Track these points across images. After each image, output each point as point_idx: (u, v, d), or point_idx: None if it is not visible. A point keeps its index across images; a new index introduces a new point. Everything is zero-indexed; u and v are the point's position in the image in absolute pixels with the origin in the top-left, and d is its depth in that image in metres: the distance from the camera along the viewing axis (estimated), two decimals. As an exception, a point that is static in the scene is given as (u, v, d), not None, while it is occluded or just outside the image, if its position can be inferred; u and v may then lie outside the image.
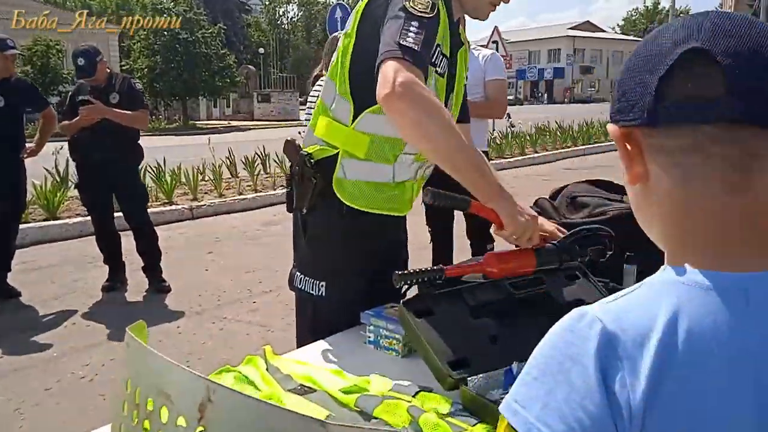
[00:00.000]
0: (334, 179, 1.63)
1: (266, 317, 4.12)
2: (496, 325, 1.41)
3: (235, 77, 26.31)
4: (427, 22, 1.43)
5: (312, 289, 1.69)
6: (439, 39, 1.51)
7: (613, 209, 1.98)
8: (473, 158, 1.42)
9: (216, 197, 8.28)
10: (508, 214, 1.42)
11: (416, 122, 1.35)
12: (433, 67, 1.53)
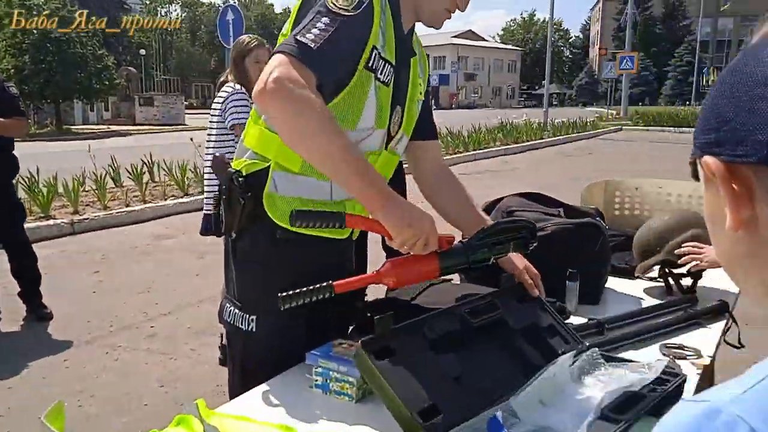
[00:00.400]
0: (265, 195, 1.47)
1: (167, 343, 3.78)
2: (459, 361, 1.29)
3: (114, 79, 24.81)
4: (345, 20, 1.31)
5: (242, 323, 1.52)
6: (374, 41, 1.39)
7: (552, 225, 1.93)
8: (354, 162, 1.28)
9: (100, 209, 7.65)
10: (393, 225, 1.29)
11: (287, 122, 1.26)
12: (371, 72, 1.40)
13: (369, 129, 1.45)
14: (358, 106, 1.41)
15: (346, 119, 1.41)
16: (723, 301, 1.84)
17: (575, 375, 1.34)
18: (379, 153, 1.52)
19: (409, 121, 1.60)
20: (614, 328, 1.69)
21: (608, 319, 1.71)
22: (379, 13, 1.39)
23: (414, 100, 1.59)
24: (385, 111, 1.47)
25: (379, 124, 1.47)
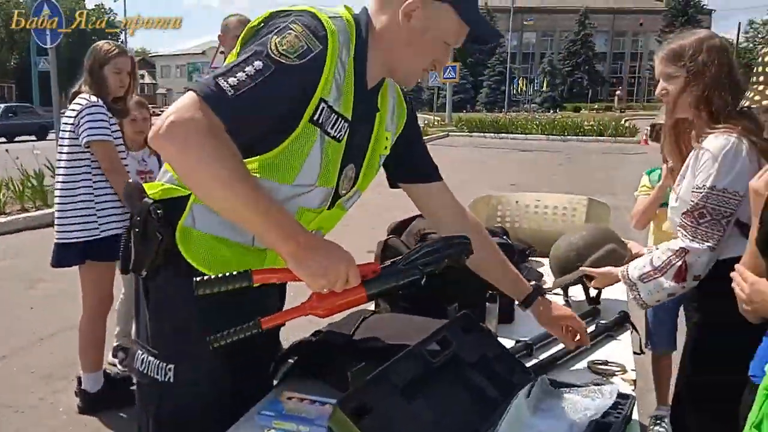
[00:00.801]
0: (179, 229, 1.32)
1: (7, 392, 3.26)
2: (430, 406, 1.23)
3: None
4: (284, 68, 1.18)
5: (158, 373, 1.36)
6: (322, 94, 1.26)
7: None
8: (258, 206, 1.14)
9: None
10: (306, 275, 1.17)
11: (185, 172, 1.15)
12: (317, 126, 1.28)
13: (309, 186, 1.33)
14: (298, 160, 1.29)
15: (283, 172, 1.29)
16: (624, 312, 1.96)
17: (532, 407, 1.34)
18: (318, 211, 1.40)
19: (366, 178, 1.49)
20: (540, 347, 1.73)
21: (534, 339, 1.74)
22: (333, 65, 1.26)
23: (376, 155, 1.49)
24: (332, 168, 1.35)
25: (323, 181, 1.35)
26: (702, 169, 1.71)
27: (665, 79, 1.85)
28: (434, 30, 1.30)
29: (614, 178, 11.56)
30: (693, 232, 1.72)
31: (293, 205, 1.33)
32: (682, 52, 1.80)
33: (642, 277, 1.82)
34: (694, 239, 1.71)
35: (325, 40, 1.23)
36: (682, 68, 1.80)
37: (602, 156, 15.36)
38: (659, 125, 2.63)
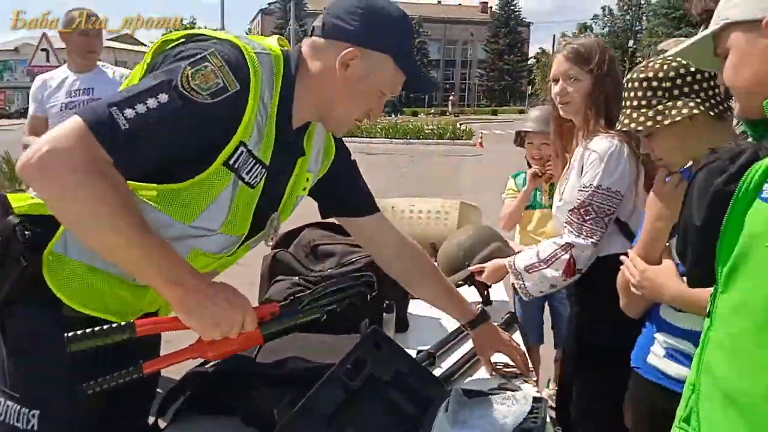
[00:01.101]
0: (47, 254, 1.16)
1: None
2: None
3: None
4: (192, 106, 1.07)
5: (19, 420, 1.21)
6: (242, 137, 1.15)
7: (361, 257, 1.88)
8: (140, 241, 1.03)
9: None
10: (197, 326, 1.07)
11: (59, 208, 1.04)
12: (231, 170, 1.16)
13: (210, 231, 1.21)
14: (203, 202, 1.17)
15: (181, 210, 1.16)
16: (512, 313, 2.03)
17: (451, 422, 1.32)
18: (218, 257, 1.28)
19: (279, 220, 1.39)
20: (441, 355, 1.72)
21: (435, 347, 1.73)
22: (255, 106, 1.14)
23: (293, 198, 1.39)
24: (241, 216, 1.24)
25: (228, 229, 1.23)
26: (589, 168, 1.80)
27: (566, 80, 1.89)
28: (371, 79, 1.25)
29: (457, 178, 12.16)
30: (578, 228, 1.80)
31: (186, 245, 1.20)
32: (589, 56, 1.86)
33: (528, 267, 1.89)
34: (580, 235, 1.80)
35: (246, 80, 1.12)
36: (588, 72, 1.86)
37: (444, 158, 16.12)
38: (524, 132, 2.76)
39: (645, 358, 1.55)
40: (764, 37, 0.98)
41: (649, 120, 1.41)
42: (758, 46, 0.99)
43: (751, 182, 0.96)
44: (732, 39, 1.03)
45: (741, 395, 0.97)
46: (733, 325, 1.00)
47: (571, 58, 1.88)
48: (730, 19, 1.03)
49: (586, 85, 1.86)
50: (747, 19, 1.00)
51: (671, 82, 1.40)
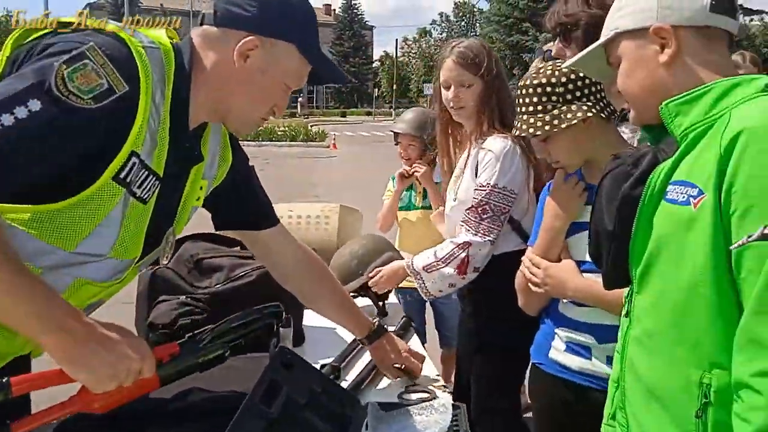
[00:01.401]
0: None
1: None
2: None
3: None
4: (71, 112, 0.90)
5: None
6: (134, 146, 0.99)
7: (252, 269, 1.76)
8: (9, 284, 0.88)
9: None
10: (88, 377, 0.93)
11: None
12: (121, 185, 1.00)
13: (97, 256, 1.04)
14: (88, 224, 1.00)
15: (62, 234, 0.98)
16: (407, 317, 2.00)
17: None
18: (106, 285, 1.11)
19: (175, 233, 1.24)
20: (345, 367, 1.65)
21: (337, 360, 1.66)
22: (146, 110, 0.98)
23: (188, 209, 1.23)
24: (133, 237, 1.08)
25: (119, 252, 1.06)
26: (485, 168, 1.82)
27: (458, 86, 1.89)
28: (274, 71, 1.12)
29: (316, 180, 12.10)
30: (476, 226, 1.81)
31: (67, 275, 1.02)
32: (479, 61, 1.87)
33: (426, 267, 1.88)
34: (477, 233, 1.81)
35: (135, 79, 0.96)
36: (479, 77, 1.87)
37: (299, 160, 15.96)
38: (395, 132, 2.77)
39: (546, 353, 1.59)
40: (651, 44, 1.03)
41: (547, 124, 1.45)
42: (647, 53, 1.04)
43: (655, 186, 1.00)
44: (622, 47, 1.07)
45: (661, 389, 1.01)
46: (649, 324, 1.04)
47: (461, 64, 1.89)
48: (619, 28, 1.07)
49: (477, 89, 1.89)
50: (635, 28, 1.04)
51: (564, 87, 1.45)
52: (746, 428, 0.84)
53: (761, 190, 0.85)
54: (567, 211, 1.50)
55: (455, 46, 1.94)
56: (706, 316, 0.92)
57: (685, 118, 0.98)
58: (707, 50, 1.01)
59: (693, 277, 0.93)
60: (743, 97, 0.94)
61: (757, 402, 0.83)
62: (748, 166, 0.86)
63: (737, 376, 0.87)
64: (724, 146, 0.89)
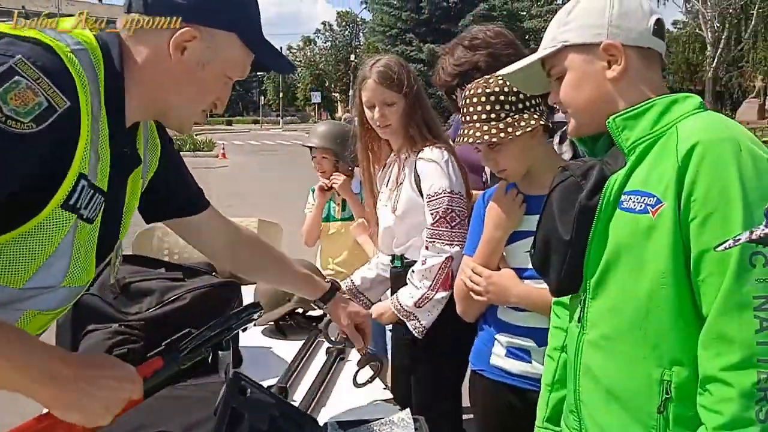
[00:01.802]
0: None
1: None
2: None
3: None
4: (12, 140, 0.81)
5: None
6: (80, 168, 0.90)
7: (184, 291, 1.69)
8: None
9: None
10: (85, 416, 0.88)
11: None
12: (72, 212, 0.91)
13: (49, 288, 0.95)
14: (35, 259, 0.90)
15: (8, 270, 0.89)
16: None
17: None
18: (57, 312, 1.02)
19: (117, 255, 1.15)
20: (291, 386, 1.62)
21: (282, 380, 1.62)
22: (88, 122, 0.89)
23: (130, 214, 1.14)
24: (85, 260, 0.99)
25: (73, 280, 0.97)
26: (434, 177, 1.83)
27: (383, 106, 1.91)
28: (215, 64, 1.04)
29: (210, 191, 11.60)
30: (450, 237, 1.79)
31: (15, 310, 0.93)
32: (400, 79, 1.89)
33: (418, 302, 1.83)
34: (452, 244, 1.80)
35: (73, 90, 0.86)
36: (402, 95, 1.90)
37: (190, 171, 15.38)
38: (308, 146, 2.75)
39: (487, 359, 1.63)
40: (600, 60, 1.09)
41: (501, 132, 1.47)
42: (595, 68, 1.09)
43: (610, 196, 1.06)
44: (569, 60, 1.12)
45: (621, 390, 1.07)
46: (606, 328, 1.09)
47: (382, 83, 1.91)
48: (569, 41, 1.11)
49: (401, 106, 1.91)
50: (585, 43, 1.09)
51: (515, 97, 1.49)
52: (718, 419, 0.91)
53: (719, 199, 0.92)
54: (508, 222, 1.55)
55: (374, 66, 1.95)
56: (667, 317, 0.99)
57: (631, 132, 1.04)
58: (646, 69, 1.09)
59: (654, 281, 0.99)
60: (683, 113, 1.03)
61: (728, 393, 0.90)
62: (706, 177, 0.93)
63: (706, 371, 0.94)
64: (681, 158, 0.96)
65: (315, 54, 52.81)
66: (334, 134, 2.70)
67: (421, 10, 25.30)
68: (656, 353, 1.01)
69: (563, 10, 1.15)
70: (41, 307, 0.96)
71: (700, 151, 0.94)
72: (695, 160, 0.94)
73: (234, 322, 1.19)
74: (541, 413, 1.34)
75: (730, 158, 0.93)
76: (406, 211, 1.90)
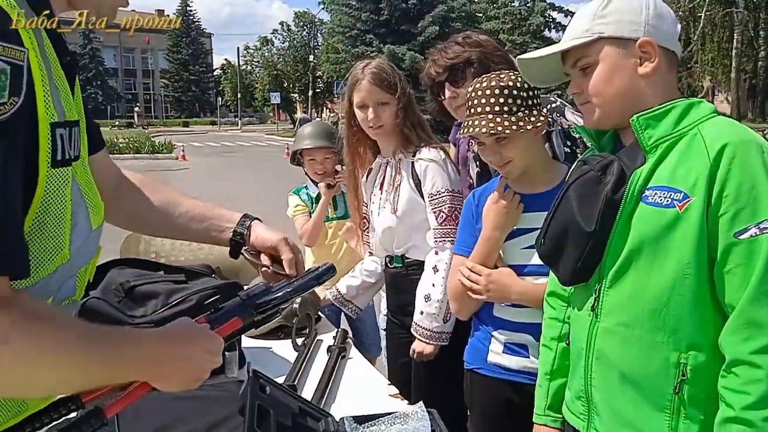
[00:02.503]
0: None
1: None
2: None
3: None
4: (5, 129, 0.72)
5: None
6: (49, 117, 0.79)
7: (191, 293, 1.68)
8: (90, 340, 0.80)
9: None
10: (180, 386, 0.90)
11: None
12: (65, 166, 0.84)
13: (84, 239, 0.91)
14: (63, 228, 0.85)
15: (44, 258, 0.83)
16: (343, 329, 2.02)
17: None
18: (96, 254, 0.99)
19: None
20: (298, 382, 1.64)
21: (289, 377, 1.64)
22: (39, 60, 0.78)
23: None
24: (95, 197, 0.95)
25: (97, 218, 0.94)
26: (434, 176, 1.89)
27: (377, 106, 1.94)
28: None
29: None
30: (454, 236, 1.81)
31: (70, 278, 0.91)
32: (393, 80, 1.94)
33: (444, 317, 1.88)
34: (454, 242, 1.82)
35: (15, 31, 0.74)
36: (394, 96, 1.94)
37: (149, 173, 14.97)
38: (303, 149, 2.74)
39: (484, 357, 1.66)
40: (633, 56, 1.14)
41: (514, 125, 1.49)
42: (629, 62, 1.15)
43: (634, 190, 1.12)
44: (604, 52, 1.16)
45: (637, 374, 1.13)
46: (624, 316, 1.15)
47: (377, 84, 1.94)
48: (605, 33, 1.15)
49: (394, 107, 1.95)
50: (623, 37, 1.14)
51: (526, 93, 1.52)
52: (747, 399, 0.98)
53: (749, 195, 1.00)
54: (509, 222, 1.59)
55: (366, 67, 1.98)
56: (688, 304, 1.06)
57: (654, 131, 1.11)
58: (668, 71, 1.16)
59: (678, 271, 1.06)
60: (701, 117, 1.10)
61: (757, 375, 0.98)
62: (737, 174, 1.01)
63: (735, 354, 1.01)
64: (712, 157, 1.03)
65: (273, 54, 52.29)
66: (328, 133, 2.68)
67: (380, 12, 25.32)
68: (674, 338, 1.07)
69: (596, 4, 1.18)
70: (87, 260, 0.95)
71: (730, 152, 1.02)
72: (725, 159, 1.02)
73: (314, 282, 1.14)
74: (541, 402, 1.40)
75: (757, 158, 1.01)
76: (407, 212, 1.94)
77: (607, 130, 1.24)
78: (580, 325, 1.25)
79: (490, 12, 28.08)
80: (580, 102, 1.23)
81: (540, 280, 1.54)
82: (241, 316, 1.01)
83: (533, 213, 1.57)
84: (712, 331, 1.05)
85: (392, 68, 2.00)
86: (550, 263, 1.32)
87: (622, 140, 1.23)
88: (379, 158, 2.08)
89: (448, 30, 24.08)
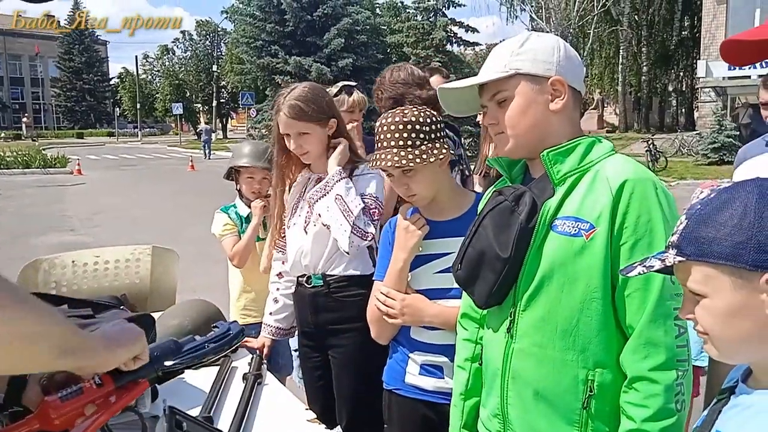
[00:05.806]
0: None
1: None
2: None
3: None
4: None
5: None
6: None
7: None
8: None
9: None
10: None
11: None
12: None
13: None
14: None
15: None
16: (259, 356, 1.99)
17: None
18: None
19: None
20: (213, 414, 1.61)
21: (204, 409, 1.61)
22: None
23: None
24: None
25: None
26: (372, 185, 1.96)
27: (298, 136, 1.95)
28: None
29: (68, 212, 10.83)
30: (372, 222, 1.88)
31: None
32: (313, 109, 1.93)
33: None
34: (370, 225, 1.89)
35: None
36: (315, 124, 1.94)
37: (39, 189, 14.15)
38: (239, 166, 2.67)
39: (402, 378, 1.70)
40: (546, 93, 1.22)
41: (417, 158, 1.56)
42: (542, 98, 1.22)
43: (545, 220, 1.20)
44: (520, 87, 1.23)
45: (549, 391, 1.20)
46: (537, 336, 1.21)
47: (294, 117, 1.92)
48: (521, 70, 1.22)
49: (317, 134, 1.96)
50: (537, 74, 1.22)
51: (429, 127, 1.59)
52: (646, 412, 1.07)
53: (646, 227, 1.10)
54: (412, 245, 1.63)
55: (287, 98, 1.94)
56: (595, 325, 1.14)
57: (562, 166, 1.19)
58: (574, 109, 1.25)
59: (586, 295, 1.14)
60: (603, 154, 1.20)
61: (655, 390, 1.07)
62: (635, 208, 1.11)
63: (635, 371, 1.10)
64: (615, 191, 1.12)
65: (174, 64, 50.67)
66: (266, 152, 2.62)
67: (285, 23, 25.13)
68: (582, 357, 1.15)
69: (514, 42, 1.26)
70: None
71: (630, 188, 1.12)
72: (626, 194, 1.12)
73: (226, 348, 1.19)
74: (456, 422, 1.44)
75: (653, 194, 1.12)
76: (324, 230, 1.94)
77: (517, 162, 1.31)
78: (496, 345, 1.30)
79: (394, 25, 28.56)
80: (495, 132, 1.29)
81: (451, 303, 1.59)
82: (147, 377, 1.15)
83: (444, 239, 1.63)
84: (617, 350, 1.14)
85: (316, 95, 1.97)
86: (465, 287, 1.36)
87: (530, 172, 1.31)
88: (306, 172, 2.07)
89: (353, 42, 24.38)
